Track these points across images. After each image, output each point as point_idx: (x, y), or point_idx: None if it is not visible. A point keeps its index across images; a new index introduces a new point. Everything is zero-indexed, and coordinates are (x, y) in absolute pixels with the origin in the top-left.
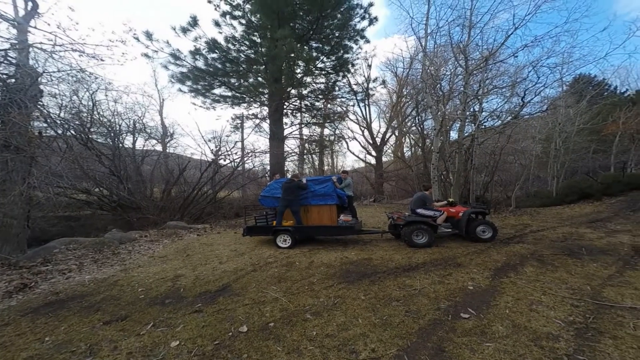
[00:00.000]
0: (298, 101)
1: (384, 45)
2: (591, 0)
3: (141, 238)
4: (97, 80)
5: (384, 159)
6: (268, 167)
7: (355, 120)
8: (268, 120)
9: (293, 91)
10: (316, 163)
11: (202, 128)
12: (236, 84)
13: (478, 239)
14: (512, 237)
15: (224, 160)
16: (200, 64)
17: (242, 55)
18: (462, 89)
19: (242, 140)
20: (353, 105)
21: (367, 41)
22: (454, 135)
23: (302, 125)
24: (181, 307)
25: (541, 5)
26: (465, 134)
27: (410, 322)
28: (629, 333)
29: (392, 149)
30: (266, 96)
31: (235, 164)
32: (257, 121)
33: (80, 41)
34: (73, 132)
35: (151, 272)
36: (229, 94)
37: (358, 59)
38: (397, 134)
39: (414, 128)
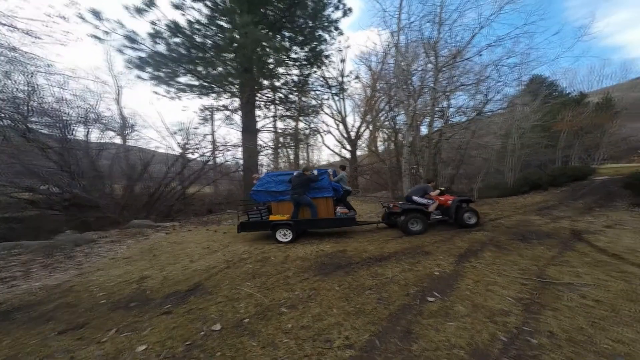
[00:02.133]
0: (271, 93)
1: (358, 38)
2: (546, 5)
3: (101, 239)
4: (34, 62)
5: (359, 152)
6: (241, 162)
7: (330, 114)
8: (240, 113)
9: (265, 82)
10: (291, 157)
11: (167, 119)
12: (203, 72)
13: (465, 224)
14: (474, 225)
15: (193, 154)
16: (161, 48)
17: (209, 42)
18: (432, 85)
19: (213, 133)
20: (327, 99)
21: (341, 33)
22: (424, 130)
23: (276, 118)
24: (148, 309)
25: (504, 6)
26: (434, 129)
27: (381, 309)
28: (565, 305)
29: (367, 143)
30: (237, 87)
31: (206, 158)
32: (228, 113)
33: (8, 13)
34: (9, 122)
35: (113, 274)
36: (196, 83)
37: (332, 51)
38: (371, 128)
39: (387, 123)
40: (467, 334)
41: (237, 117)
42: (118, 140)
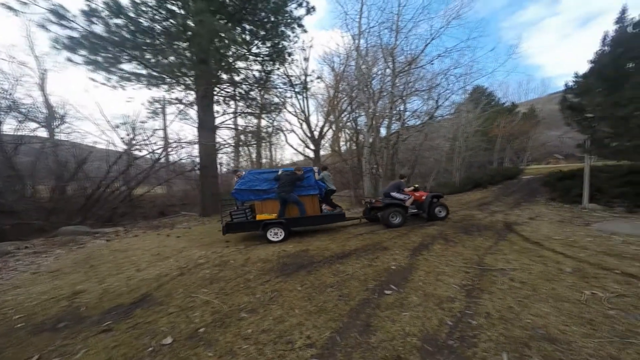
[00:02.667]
0: (231, 88)
1: (322, 38)
2: (485, 24)
3: (18, 251)
4: None
5: (322, 152)
6: (198, 160)
7: (294, 113)
8: (196, 107)
9: (225, 76)
10: (253, 155)
11: (108, 111)
12: (152, 60)
13: (436, 217)
14: (426, 220)
15: (141, 151)
16: (98, 29)
17: (159, 27)
18: (390, 89)
19: (165, 128)
20: (291, 97)
21: (305, 31)
22: (383, 131)
23: (237, 115)
24: (82, 329)
25: (451, 21)
26: (392, 131)
27: (342, 305)
28: (498, 288)
29: (330, 143)
30: (192, 79)
31: (156, 156)
32: (182, 107)
33: None
34: None
35: (35, 292)
36: (144, 72)
37: (295, 49)
38: (334, 128)
39: (349, 123)
40: (419, 322)
41: (193, 112)
42: (43, 133)
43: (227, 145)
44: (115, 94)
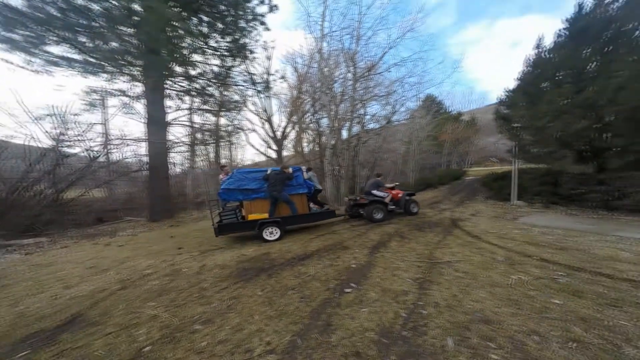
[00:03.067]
0: (186, 82)
1: (286, 38)
2: (435, 38)
3: None
4: None
5: (285, 153)
6: (146, 159)
7: (256, 112)
8: (144, 101)
9: (179, 69)
10: (211, 155)
11: (29, 100)
12: (89, 45)
13: (411, 212)
14: (384, 219)
15: (73, 148)
16: (15, 2)
17: (98, 7)
18: (350, 93)
19: (105, 123)
20: (252, 96)
21: (267, 29)
22: (345, 133)
23: (192, 111)
24: None
25: (406, 33)
26: (353, 134)
27: (303, 307)
28: (445, 279)
29: (293, 144)
30: (139, 69)
31: (94, 154)
32: (127, 100)
33: None
34: None
35: None
36: (78, 57)
37: (257, 46)
38: (297, 129)
39: (312, 125)
40: (377, 317)
41: (140, 106)
42: None
43: (180, 144)
44: (39, 80)
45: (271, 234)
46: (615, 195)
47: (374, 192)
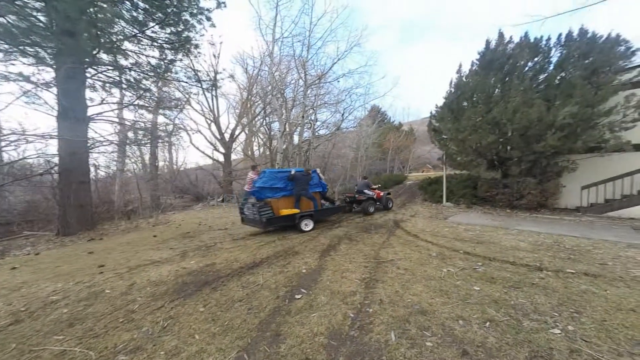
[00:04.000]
0: (116, 73)
1: (237, 38)
2: (378, 54)
3: None
4: None
5: (234, 156)
6: (56, 160)
7: (201, 112)
8: (55, 90)
9: (106, 57)
10: (145, 157)
11: None
12: None
13: (388, 207)
14: (334, 223)
15: None
16: None
17: None
18: (301, 99)
19: None
20: (197, 94)
21: (214, 25)
22: (296, 138)
23: (123, 107)
24: None
25: (353, 47)
26: (304, 139)
27: (251, 319)
28: (389, 277)
29: (242, 147)
30: (49, 52)
31: None
32: (31, 87)
33: None
34: None
35: None
36: None
37: (203, 42)
38: (247, 131)
39: (262, 128)
40: (326, 320)
41: (50, 96)
42: None
43: (106, 143)
44: None
45: (306, 225)
46: (516, 197)
47: (365, 191)
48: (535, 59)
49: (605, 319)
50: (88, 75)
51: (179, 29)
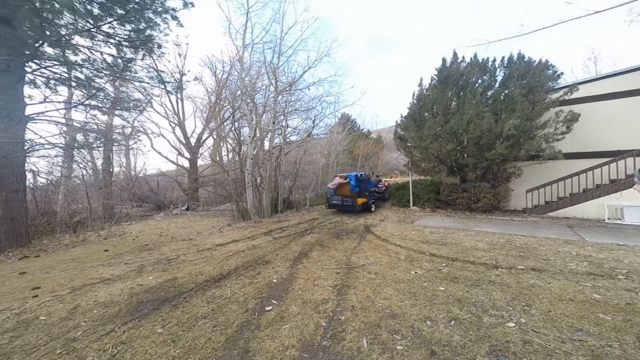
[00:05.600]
0: (63, 69)
1: (206, 40)
2: (347, 66)
3: None
4: None
5: (200, 162)
6: None
7: (164, 114)
8: None
9: (51, 51)
10: (98, 162)
11: None
12: None
13: (385, 198)
14: (306, 229)
15: None
16: None
17: None
18: (272, 104)
19: None
20: (160, 96)
21: (181, 25)
22: (267, 144)
23: (71, 106)
24: None
25: (323, 57)
26: (275, 145)
27: (217, 337)
28: (360, 282)
29: (210, 152)
30: None
31: None
32: None
33: None
34: None
35: None
36: None
37: (167, 41)
38: (215, 136)
39: (231, 133)
40: (298, 332)
41: None
42: None
43: (48, 146)
44: None
45: (371, 207)
46: (473, 200)
47: (373, 189)
48: (484, 77)
49: (550, 310)
50: (28, 69)
51: (141, 27)
